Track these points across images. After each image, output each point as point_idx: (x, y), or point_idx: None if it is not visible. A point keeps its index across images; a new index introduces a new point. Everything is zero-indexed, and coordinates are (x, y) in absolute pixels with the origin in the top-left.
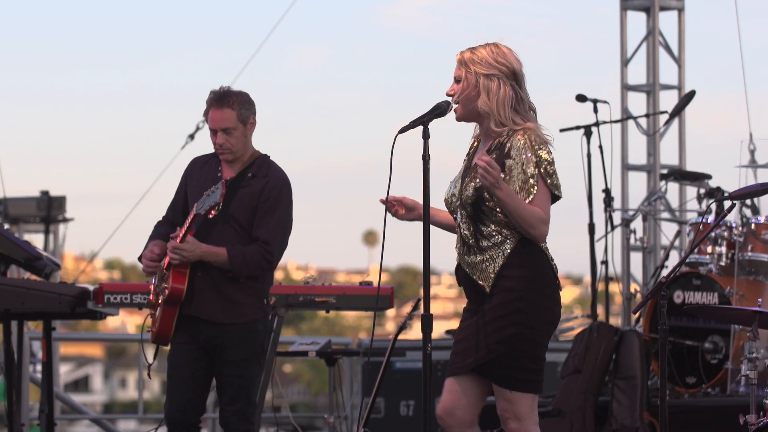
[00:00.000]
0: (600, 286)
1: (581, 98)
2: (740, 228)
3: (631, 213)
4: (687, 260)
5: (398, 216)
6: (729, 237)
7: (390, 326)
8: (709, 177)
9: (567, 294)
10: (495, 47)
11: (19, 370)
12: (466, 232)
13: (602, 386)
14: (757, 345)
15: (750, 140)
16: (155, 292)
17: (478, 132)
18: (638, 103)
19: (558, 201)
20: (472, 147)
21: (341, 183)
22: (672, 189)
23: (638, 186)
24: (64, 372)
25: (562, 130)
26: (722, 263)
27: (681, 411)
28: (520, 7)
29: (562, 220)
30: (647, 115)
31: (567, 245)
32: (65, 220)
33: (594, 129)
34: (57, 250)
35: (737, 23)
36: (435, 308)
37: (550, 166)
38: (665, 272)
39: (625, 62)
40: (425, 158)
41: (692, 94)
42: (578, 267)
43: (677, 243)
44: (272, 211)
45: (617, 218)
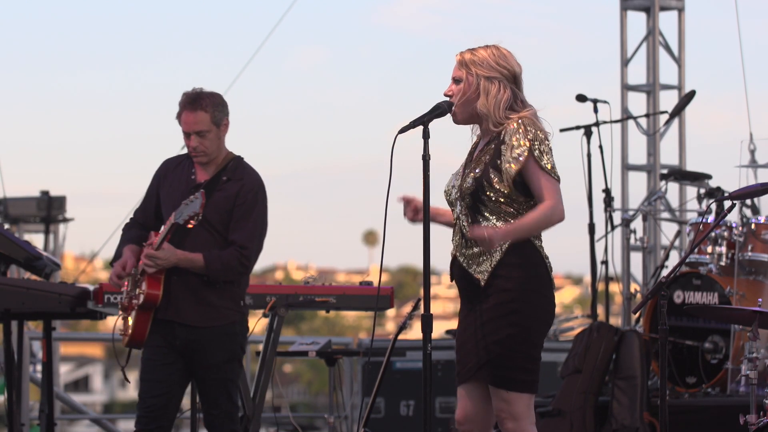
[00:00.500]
0: (600, 286)
1: (581, 98)
2: (740, 228)
3: (631, 213)
4: (687, 260)
5: (406, 215)
6: (729, 237)
7: (390, 326)
8: (709, 177)
9: (567, 294)
10: (496, 49)
11: (19, 370)
12: (464, 223)
13: (602, 386)
14: (757, 345)
15: (750, 140)
16: (128, 296)
17: (479, 132)
18: (638, 103)
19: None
20: (474, 145)
21: (341, 183)
22: (672, 189)
23: (638, 186)
24: (64, 372)
25: (562, 130)
26: (722, 263)
27: (681, 411)
28: (520, 7)
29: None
30: (647, 115)
31: (567, 245)
32: (65, 220)
33: (594, 129)
34: (57, 250)
35: (737, 23)
36: (435, 308)
37: (545, 148)
38: (665, 272)
39: (625, 62)
40: (425, 158)
41: (692, 94)
42: (578, 267)
43: (677, 243)
44: (248, 215)
45: (617, 218)
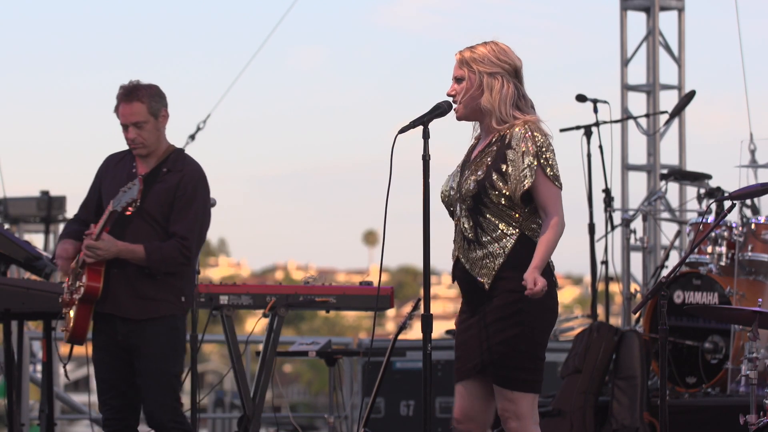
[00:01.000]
0: (600, 286)
1: (581, 98)
2: (740, 228)
3: (631, 213)
4: (687, 260)
5: None
6: (729, 237)
7: (390, 326)
8: (709, 177)
9: (567, 294)
10: (495, 45)
11: (19, 370)
12: (466, 226)
13: (602, 386)
14: (757, 345)
15: (750, 140)
16: (69, 291)
17: (478, 132)
18: (638, 103)
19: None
20: (473, 144)
21: (341, 183)
22: (672, 189)
23: (638, 186)
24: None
25: (562, 130)
26: (722, 263)
27: (681, 411)
28: (520, 7)
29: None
30: (647, 115)
31: (567, 245)
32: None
33: (594, 129)
34: None
35: (737, 23)
36: (435, 308)
37: (551, 157)
38: (665, 272)
39: (625, 62)
40: (425, 158)
41: (692, 94)
42: (578, 267)
43: (677, 243)
44: (189, 206)
45: (617, 218)
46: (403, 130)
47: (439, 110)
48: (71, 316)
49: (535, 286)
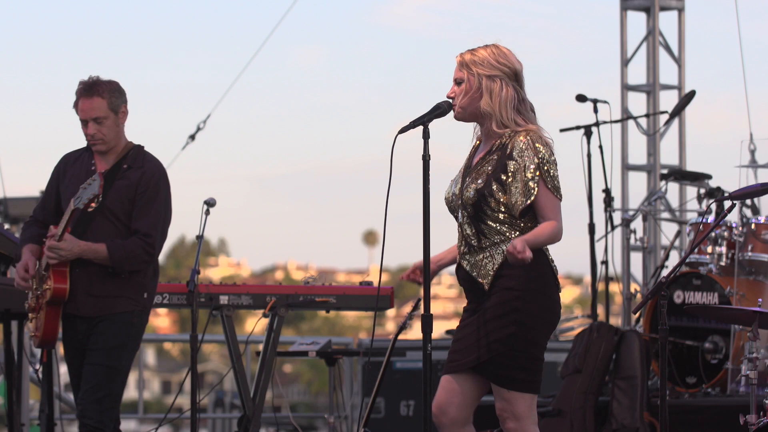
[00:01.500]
0: (600, 286)
1: (581, 98)
2: (740, 228)
3: (631, 213)
4: (687, 260)
5: (421, 282)
6: (729, 237)
7: (390, 326)
8: (709, 177)
9: (567, 294)
10: (495, 48)
11: (19, 370)
12: (468, 232)
13: (602, 386)
14: (757, 345)
15: (750, 140)
16: (35, 295)
17: (479, 134)
18: (638, 103)
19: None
20: (474, 147)
21: (341, 183)
22: (672, 189)
23: (638, 186)
24: (64, 372)
25: (562, 130)
26: (722, 263)
27: (681, 411)
28: (521, 7)
29: (563, 220)
30: (647, 115)
31: (567, 245)
32: None
33: (594, 129)
34: None
35: (737, 23)
36: (435, 308)
37: (552, 168)
38: (665, 272)
39: (625, 62)
40: (425, 158)
41: (692, 94)
42: (578, 267)
43: (677, 243)
44: (151, 203)
45: (617, 218)
46: (403, 130)
47: (439, 110)
48: (42, 321)
49: (521, 250)
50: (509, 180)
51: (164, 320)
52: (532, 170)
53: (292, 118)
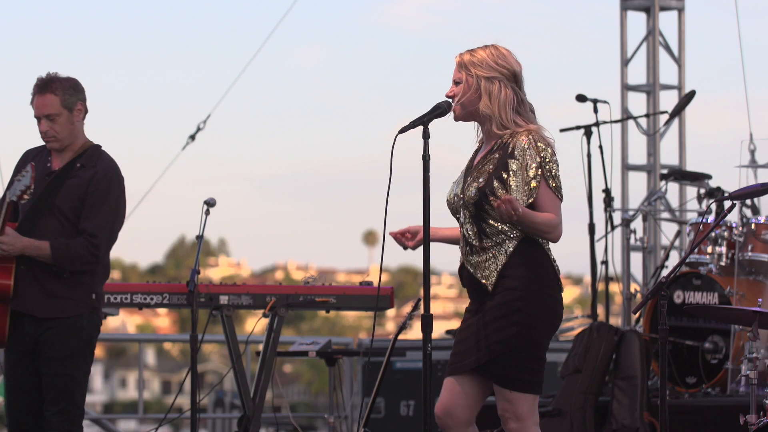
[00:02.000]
0: (600, 286)
1: (581, 98)
2: (740, 228)
3: (631, 213)
4: (687, 260)
5: (408, 246)
6: (729, 237)
7: (390, 326)
8: (709, 177)
9: (567, 294)
10: (494, 49)
11: None
12: (470, 232)
13: (602, 386)
14: (757, 345)
15: (750, 140)
16: None
17: (481, 136)
18: (638, 103)
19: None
20: (477, 148)
21: (341, 183)
22: (672, 189)
23: (638, 186)
24: None
25: (562, 130)
26: (722, 263)
27: (681, 411)
28: (520, 7)
29: (563, 220)
30: (647, 115)
31: (567, 245)
32: None
33: (594, 129)
34: None
35: (737, 23)
36: (435, 308)
37: (554, 168)
38: (665, 272)
39: (625, 62)
40: (425, 158)
41: (692, 94)
42: (578, 267)
43: (677, 243)
44: (100, 203)
45: (617, 218)
46: (403, 130)
47: (439, 110)
48: None
49: (509, 203)
50: (509, 179)
51: (164, 320)
52: (534, 169)
53: (292, 118)
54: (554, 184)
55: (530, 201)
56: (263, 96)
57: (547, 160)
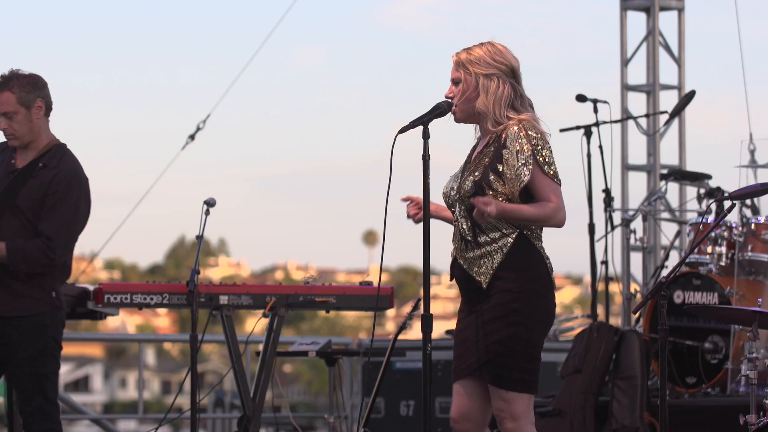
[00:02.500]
0: (600, 286)
1: (581, 98)
2: (740, 228)
3: (631, 213)
4: (687, 260)
5: (411, 214)
6: (729, 237)
7: (390, 326)
8: (709, 177)
9: (567, 294)
10: (491, 46)
11: None
12: (464, 227)
13: (602, 386)
14: (757, 345)
15: (750, 140)
16: None
17: (479, 134)
18: (638, 103)
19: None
20: (473, 145)
21: (341, 183)
22: (672, 189)
23: (638, 186)
24: (64, 372)
25: (562, 130)
26: (722, 263)
27: (681, 411)
28: (520, 7)
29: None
30: (647, 115)
31: (567, 245)
32: None
33: (594, 129)
34: None
35: (737, 23)
36: (435, 308)
37: (547, 153)
38: (665, 272)
39: (625, 62)
40: (425, 158)
41: (692, 94)
42: (578, 267)
43: (677, 243)
44: (59, 205)
45: (617, 218)
46: (403, 130)
47: (439, 110)
48: None
49: (487, 202)
50: (504, 169)
51: (164, 320)
52: (525, 155)
53: (293, 118)
54: (549, 170)
55: (521, 185)
56: (263, 96)
57: (539, 147)
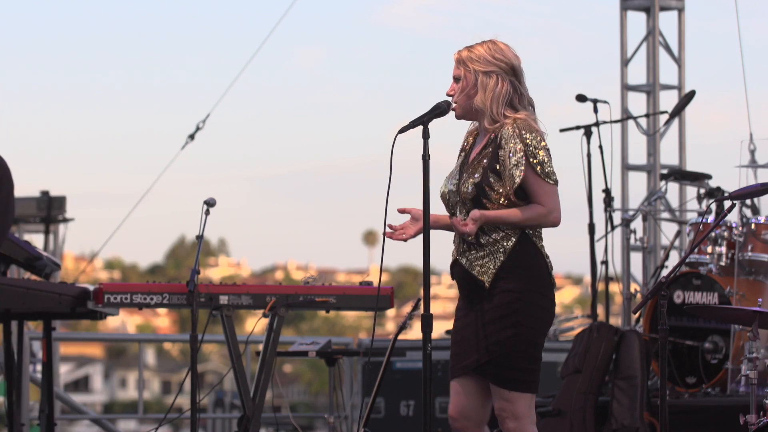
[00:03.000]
0: (600, 286)
1: (581, 98)
2: (740, 228)
3: (631, 213)
4: (687, 260)
5: (406, 235)
6: (729, 237)
7: (390, 326)
8: (709, 177)
9: (567, 294)
10: (492, 44)
11: (19, 370)
12: None
13: (602, 386)
14: (757, 345)
15: (750, 140)
16: None
17: (473, 127)
18: (638, 103)
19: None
20: (467, 141)
21: (341, 183)
22: (672, 189)
23: (638, 186)
24: (64, 372)
25: (562, 130)
26: (722, 263)
27: (681, 411)
28: (521, 7)
29: (563, 220)
30: (647, 115)
31: (567, 245)
32: (65, 220)
33: (594, 129)
34: (57, 250)
35: (737, 23)
36: (435, 308)
37: (540, 153)
38: (665, 272)
39: (625, 62)
40: (425, 158)
41: (692, 94)
42: (578, 267)
43: (677, 243)
44: None
45: (617, 218)
46: (403, 130)
47: (439, 110)
48: None
49: (467, 223)
50: (501, 169)
51: (164, 320)
52: (518, 156)
53: (293, 118)
54: (542, 170)
55: (514, 186)
56: (263, 96)
57: (533, 147)
